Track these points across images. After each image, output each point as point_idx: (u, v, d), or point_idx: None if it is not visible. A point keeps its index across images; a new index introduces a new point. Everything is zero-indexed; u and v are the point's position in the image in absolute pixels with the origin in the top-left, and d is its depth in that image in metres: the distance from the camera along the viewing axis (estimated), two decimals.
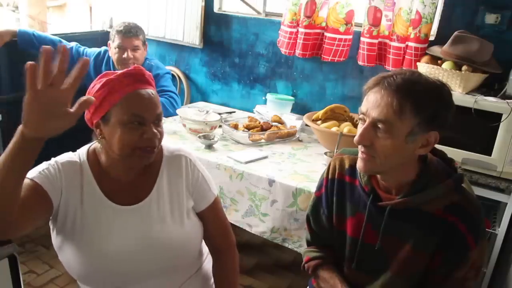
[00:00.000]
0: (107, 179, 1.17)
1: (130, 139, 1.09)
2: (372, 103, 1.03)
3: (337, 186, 1.24)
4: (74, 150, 1.23)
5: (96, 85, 1.11)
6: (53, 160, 1.16)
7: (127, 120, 1.09)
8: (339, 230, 1.25)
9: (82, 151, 1.20)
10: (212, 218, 1.30)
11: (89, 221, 1.14)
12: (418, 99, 1.00)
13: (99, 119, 1.11)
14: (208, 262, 1.39)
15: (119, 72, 1.11)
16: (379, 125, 1.02)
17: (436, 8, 2.13)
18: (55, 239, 1.17)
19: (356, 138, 1.06)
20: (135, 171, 1.19)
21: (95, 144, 1.21)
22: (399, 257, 1.13)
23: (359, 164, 1.10)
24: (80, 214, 1.14)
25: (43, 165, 1.13)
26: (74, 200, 1.13)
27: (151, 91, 1.14)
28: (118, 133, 1.09)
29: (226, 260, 1.34)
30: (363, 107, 1.06)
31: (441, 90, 1.03)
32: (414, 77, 1.03)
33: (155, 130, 1.12)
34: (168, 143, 1.29)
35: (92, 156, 1.19)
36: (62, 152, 1.19)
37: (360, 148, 1.08)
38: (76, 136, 1.28)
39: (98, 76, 1.14)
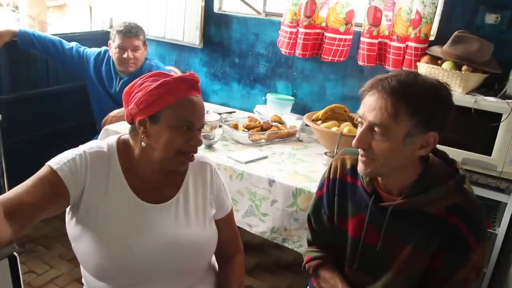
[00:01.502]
0: (133, 174, 1.17)
1: (176, 143, 1.11)
2: (368, 106, 1.03)
3: (338, 186, 1.24)
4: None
5: (146, 82, 1.12)
6: (81, 148, 1.15)
7: (177, 124, 1.11)
8: (340, 230, 1.25)
9: (111, 141, 1.20)
10: (227, 227, 1.33)
11: (112, 212, 1.13)
12: (413, 101, 0.99)
13: (146, 117, 1.11)
14: (214, 263, 1.40)
15: (176, 75, 1.14)
16: (376, 129, 1.02)
17: (436, 8, 2.13)
18: (73, 228, 1.15)
19: (354, 142, 1.07)
20: (162, 173, 1.20)
21: (126, 136, 1.21)
22: (400, 257, 1.13)
23: (360, 167, 1.10)
24: (104, 205, 1.13)
25: (69, 155, 1.12)
26: (98, 190, 1.13)
27: (201, 99, 1.17)
28: (166, 135, 1.11)
29: (235, 264, 1.35)
30: (360, 110, 1.06)
31: (438, 91, 1.02)
32: (410, 78, 1.02)
33: (200, 137, 1.16)
34: None
35: (122, 148, 1.18)
36: (62, 151, 1.18)
37: (360, 151, 1.08)
38: (77, 136, 1.28)
39: (150, 74, 1.15)
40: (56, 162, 1.09)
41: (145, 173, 1.18)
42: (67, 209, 1.16)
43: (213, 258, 1.39)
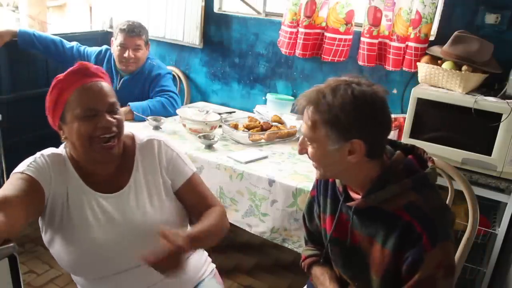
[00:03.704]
0: (86, 171, 1.21)
1: (85, 130, 1.13)
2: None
3: (323, 185, 1.28)
4: None
5: (48, 91, 1.17)
6: (38, 153, 1.19)
7: (80, 114, 1.13)
8: (323, 228, 1.28)
9: (62, 146, 1.24)
10: (189, 192, 1.30)
11: (75, 210, 1.17)
12: (327, 112, 1.03)
13: (58, 120, 1.16)
14: (197, 254, 1.39)
15: (65, 72, 1.16)
16: (306, 137, 1.11)
17: (436, 8, 2.13)
18: (45, 235, 1.20)
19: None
20: (109, 165, 1.22)
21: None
22: (372, 256, 1.13)
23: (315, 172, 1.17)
24: (67, 204, 1.17)
25: (29, 159, 1.16)
26: (60, 190, 1.17)
27: (100, 82, 1.18)
28: (75, 127, 1.13)
29: (210, 210, 1.28)
30: None
31: (359, 101, 1.02)
32: (331, 88, 1.04)
33: (110, 118, 1.16)
34: (137, 133, 1.33)
35: (69, 152, 1.23)
36: None
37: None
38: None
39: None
40: (20, 168, 1.14)
41: (92, 168, 1.21)
42: (39, 219, 1.20)
43: (201, 256, 1.39)
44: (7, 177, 2.57)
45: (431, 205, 1.06)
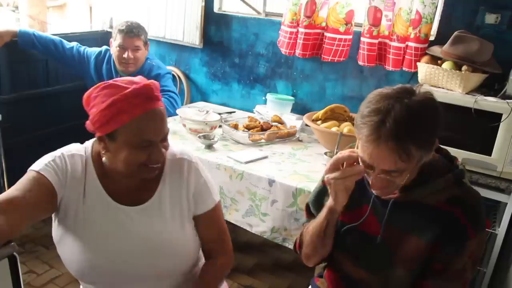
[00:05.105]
0: (108, 179, 1.17)
1: (136, 159, 1.09)
2: (376, 156, 1.01)
3: None
4: None
5: (98, 97, 1.07)
6: (59, 151, 1.16)
7: (136, 143, 1.07)
8: (342, 221, 1.25)
9: (88, 145, 1.20)
10: (208, 224, 1.26)
11: (90, 216, 1.14)
12: (419, 137, 0.99)
13: (103, 134, 1.09)
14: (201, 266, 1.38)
15: (127, 90, 1.05)
16: (392, 173, 1.04)
17: (436, 8, 2.13)
18: (55, 231, 1.17)
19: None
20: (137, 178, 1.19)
21: None
22: (402, 249, 1.14)
23: (375, 192, 1.12)
24: (82, 208, 1.14)
25: (49, 157, 1.13)
26: (76, 193, 1.14)
27: (160, 108, 1.11)
28: (124, 153, 1.08)
29: (215, 265, 1.29)
30: (365, 156, 1.04)
31: (432, 109, 1.03)
32: (403, 113, 0.98)
33: (163, 150, 1.12)
34: (171, 144, 1.27)
35: (96, 154, 1.18)
36: None
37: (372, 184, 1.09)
38: (77, 136, 1.29)
39: (103, 86, 1.09)
40: (37, 165, 1.10)
41: (118, 179, 1.17)
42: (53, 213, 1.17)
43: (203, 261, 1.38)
44: (7, 177, 2.58)
45: (474, 196, 1.11)
